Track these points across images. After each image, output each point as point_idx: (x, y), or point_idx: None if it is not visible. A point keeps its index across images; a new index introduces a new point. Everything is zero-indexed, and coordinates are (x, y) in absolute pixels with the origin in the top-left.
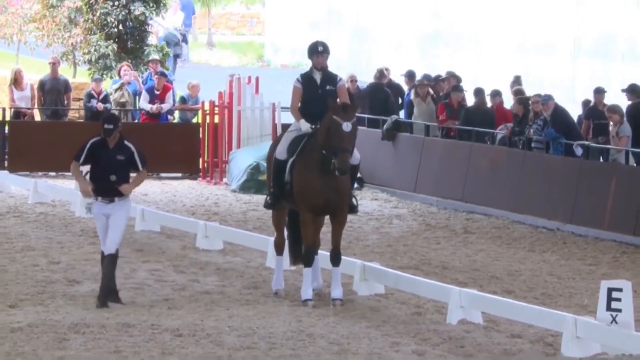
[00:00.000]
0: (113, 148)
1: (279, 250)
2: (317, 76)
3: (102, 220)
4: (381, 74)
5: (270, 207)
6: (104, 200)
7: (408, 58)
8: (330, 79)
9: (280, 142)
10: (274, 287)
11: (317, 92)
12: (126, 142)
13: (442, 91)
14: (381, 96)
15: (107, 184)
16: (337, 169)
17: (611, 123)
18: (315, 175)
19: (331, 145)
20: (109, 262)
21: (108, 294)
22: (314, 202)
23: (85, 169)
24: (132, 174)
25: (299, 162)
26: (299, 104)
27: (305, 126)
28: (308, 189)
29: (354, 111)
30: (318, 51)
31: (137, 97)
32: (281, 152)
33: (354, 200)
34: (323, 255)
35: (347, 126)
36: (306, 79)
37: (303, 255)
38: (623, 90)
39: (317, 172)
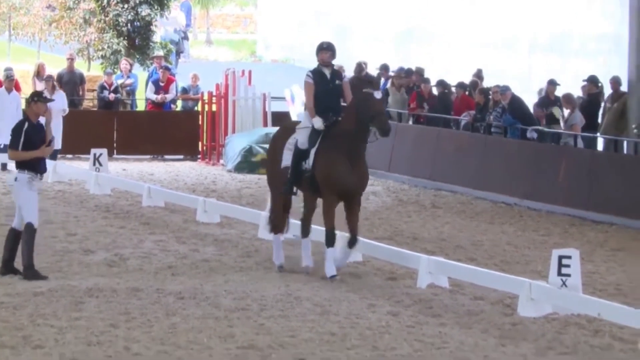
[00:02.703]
0: (37, 124)
1: (276, 229)
2: (327, 71)
3: (36, 196)
4: (359, 67)
5: (287, 194)
6: (40, 175)
7: (384, 53)
8: (338, 74)
9: (300, 135)
10: (276, 261)
11: (328, 87)
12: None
13: (412, 83)
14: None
15: (43, 160)
16: (379, 129)
17: (565, 109)
18: (342, 161)
19: (366, 114)
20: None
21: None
22: (341, 187)
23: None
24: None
25: (323, 150)
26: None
27: (318, 123)
28: (336, 173)
29: (378, 84)
30: (323, 47)
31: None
32: (302, 143)
33: None
34: (319, 230)
35: (378, 94)
36: (317, 75)
37: (326, 237)
38: (584, 80)
39: (343, 157)
